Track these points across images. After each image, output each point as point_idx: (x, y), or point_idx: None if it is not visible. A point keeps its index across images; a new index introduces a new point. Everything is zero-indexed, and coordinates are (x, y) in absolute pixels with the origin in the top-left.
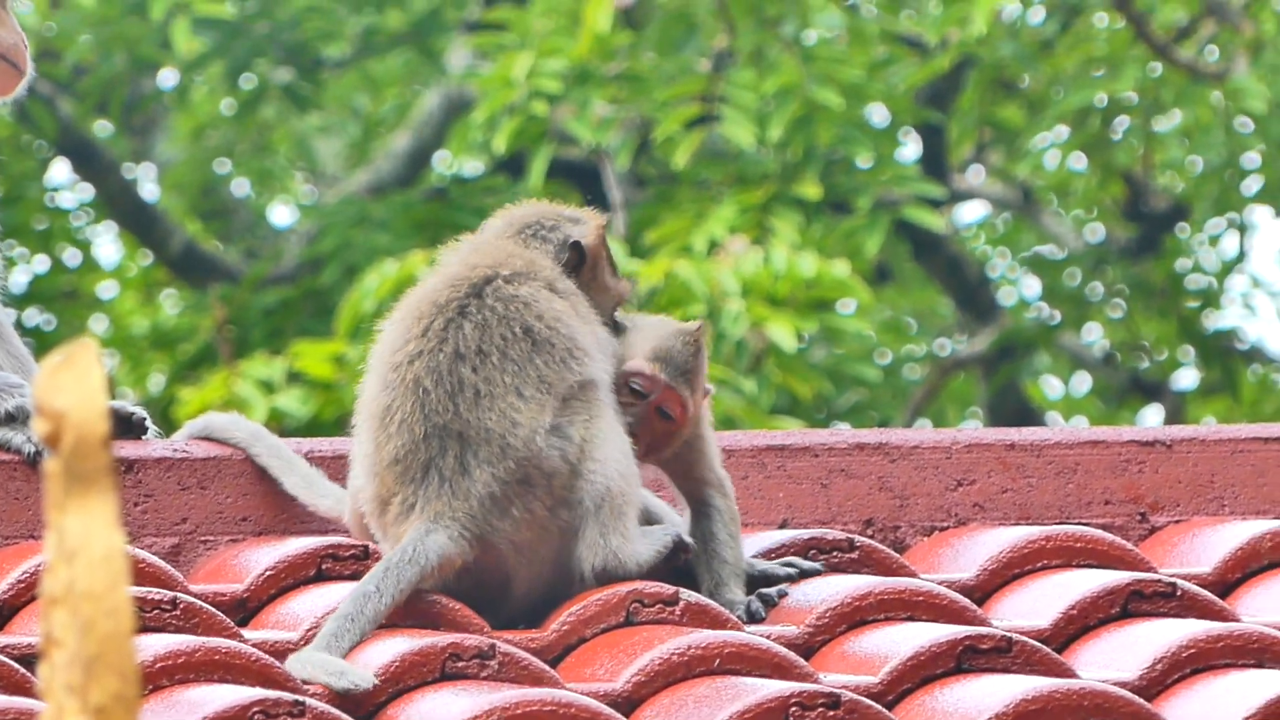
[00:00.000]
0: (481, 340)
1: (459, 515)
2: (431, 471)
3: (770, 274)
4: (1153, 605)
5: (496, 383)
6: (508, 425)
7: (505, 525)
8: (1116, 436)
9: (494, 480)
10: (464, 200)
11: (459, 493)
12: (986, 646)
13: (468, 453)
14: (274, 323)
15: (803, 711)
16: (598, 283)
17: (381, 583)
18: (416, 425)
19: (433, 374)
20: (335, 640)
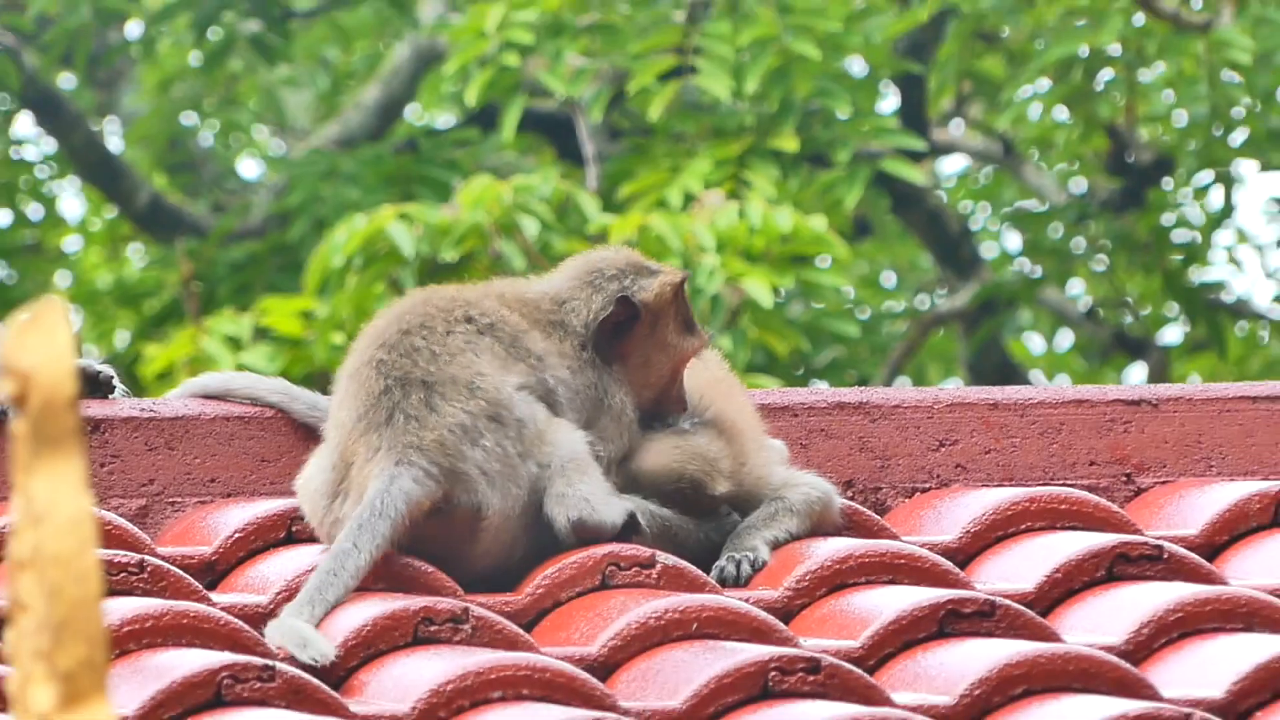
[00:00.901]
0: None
1: (427, 446)
2: (396, 414)
3: (746, 228)
4: (1139, 568)
5: (446, 344)
6: (473, 374)
7: (476, 454)
8: (1102, 395)
9: (464, 413)
10: (435, 154)
11: (427, 425)
12: (969, 610)
13: (434, 395)
14: (241, 278)
15: (782, 676)
16: (655, 341)
17: (359, 539)
18: (374, 384)
19: (384, 347)
20: (319, 594)
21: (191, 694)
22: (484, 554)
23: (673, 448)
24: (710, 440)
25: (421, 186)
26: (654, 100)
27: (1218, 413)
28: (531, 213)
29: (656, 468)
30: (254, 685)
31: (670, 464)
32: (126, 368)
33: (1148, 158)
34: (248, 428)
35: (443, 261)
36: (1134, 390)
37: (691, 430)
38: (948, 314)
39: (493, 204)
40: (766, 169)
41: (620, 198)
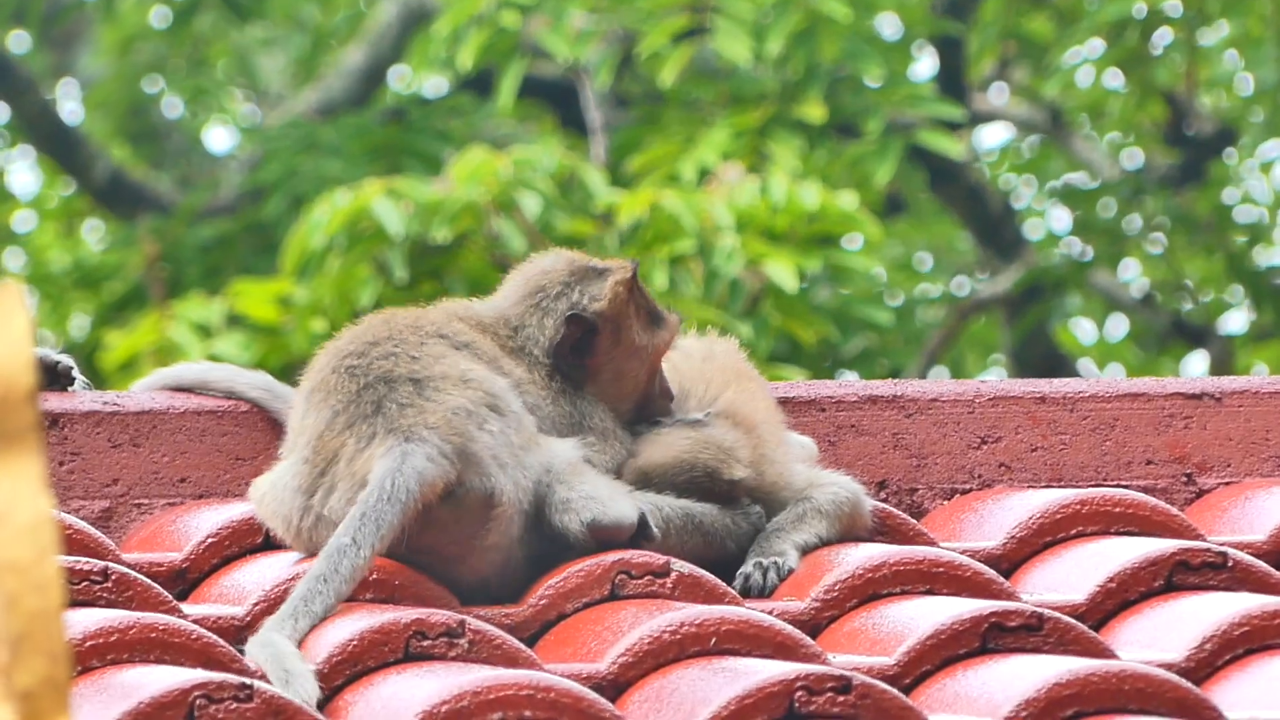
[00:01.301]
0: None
1: (435, 425)
2: (386, 403)
3: (768, 206)
4: (1201, 577)
5: (431, 353)
6: (463, 370)
7: (484, 437)
8: (1160, 388)
9: (464, 399)
10: (425, 123)
11: (427, 410)
12: (1014, 624)
13: (426, 388)
14: (211, 259)
15: (809, 696)
16: (622, 348)
17: (359, 533)
18: (348, 385)
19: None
20: (305, 605)
21: (161, 715)
22: (492, 548)
23: (683, 438)
24: (724, 430)
25: (410, 159)
26: (666, 64)
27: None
28: (532, 188)
29: (667, 460)
30: (229, 706)
31: (681, 455)
32: (85, 357)
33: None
34: (221, 423)
35: (434, 243)
36: (1195, 383)
37: (704, 421)
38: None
39: (489, 179)
40: (790, 140)
41: (629, 172)
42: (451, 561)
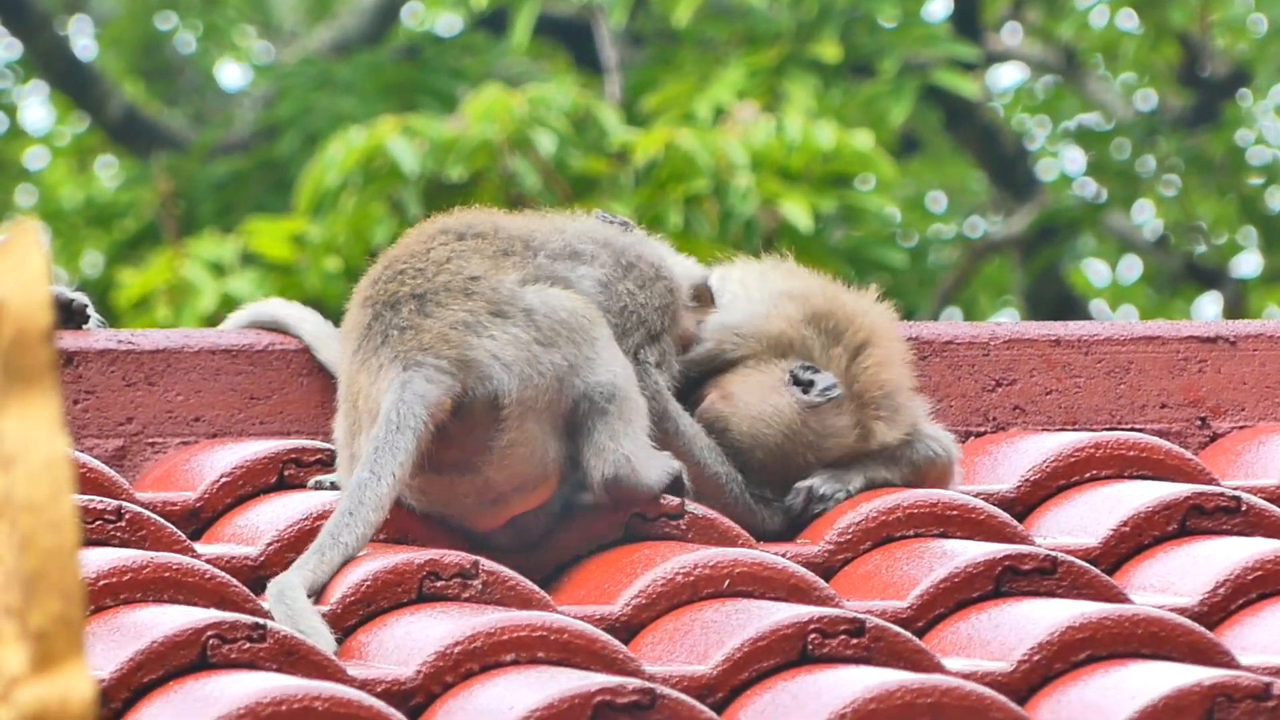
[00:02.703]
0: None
1: (430, 344)
2: (390, 332)
3: (783, 145)
4: (1214, 521)
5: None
6: (464, 278)
7: (484, 342)
8: (1174, 332)
9: (463, 311)
10: (439, 61)
11: (425, 329)
12: (1028, 567)
13: (426, 303)
14: (225, 197)
15: (823, 639)
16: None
17: (376, 465)
18: (363, 317)
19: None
20: (332, 539)
21: (174, 655)
22: (509, 450)
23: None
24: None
25: (424, 97)
26: (681, 3)
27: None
28: (547, 126)
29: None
30: (243, 645)
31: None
32: (98, 295)
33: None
34: (235, 362)
35: (448, 181)
36: (1210, 326)
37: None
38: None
39: (504, 117)
40: (805, 80)
41: (644, 111)
42: (478, 476)
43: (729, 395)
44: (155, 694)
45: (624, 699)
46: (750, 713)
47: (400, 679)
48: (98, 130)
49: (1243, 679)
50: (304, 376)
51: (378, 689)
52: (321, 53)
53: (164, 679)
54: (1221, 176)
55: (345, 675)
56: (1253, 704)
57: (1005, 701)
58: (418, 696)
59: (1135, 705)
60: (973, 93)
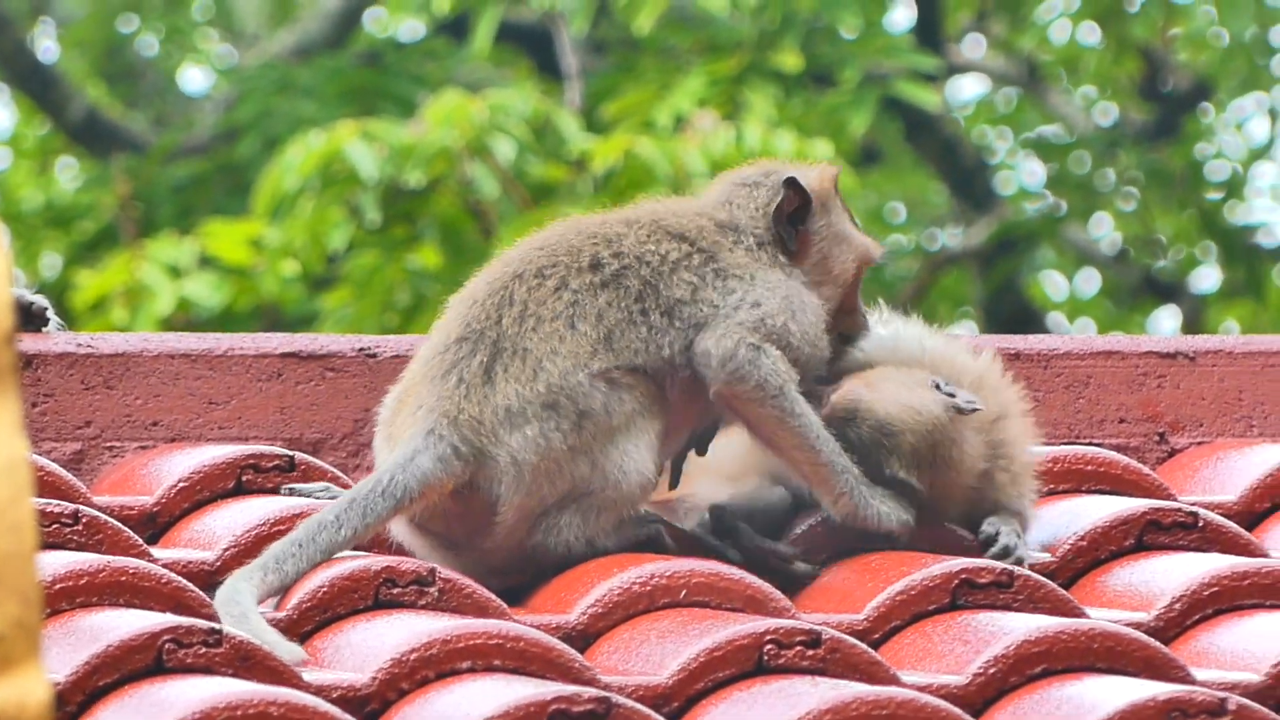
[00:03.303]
0: (545, 265)
1: (464, 420)
2: (453, 372)
3: (742, 154)
4: (1171, 537)
5: (547, 304)
6: (547, 350)
7: (513, 440)
8: (1133, 347)
9: (516, 396)
10: (400, 66)
11: (474, 397)
12: (984, 580)
13: (497, 363)
14: (184, 200)
15: (778, 650)
16: (833, 231)
17: (343, 514)
18: (454, 328)
19: (488, 286)
20: (277, 564)
21: (130, 659)
22: (495, 549)
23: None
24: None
25: (384, 102)
26: (642, 10)
27: (1261, 367)
28: (506, 133)
29: (870, 406)
30: (199, 650)
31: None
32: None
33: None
34: (195, 366)
35: (406, 186)
36: (1169, 341)
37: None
38: (961, 252)
39: (463, 123)
40: (765, 89)
41: (604, 118)
42: (466, 549)
43: (872, 384)
44: (111, 698)
45: (579, 708)
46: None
47: (356, 685)
48: (60, 132)
49: (1198, 694)
50: (263, 382)
51: (333, 695)
52: (283, 57)
53: (119, 683)
54: (1181, 190)
55: (301, 681)
56: (1207, 719)
57: (960, 714)
58: (373, 703)
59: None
60: (933, 104)
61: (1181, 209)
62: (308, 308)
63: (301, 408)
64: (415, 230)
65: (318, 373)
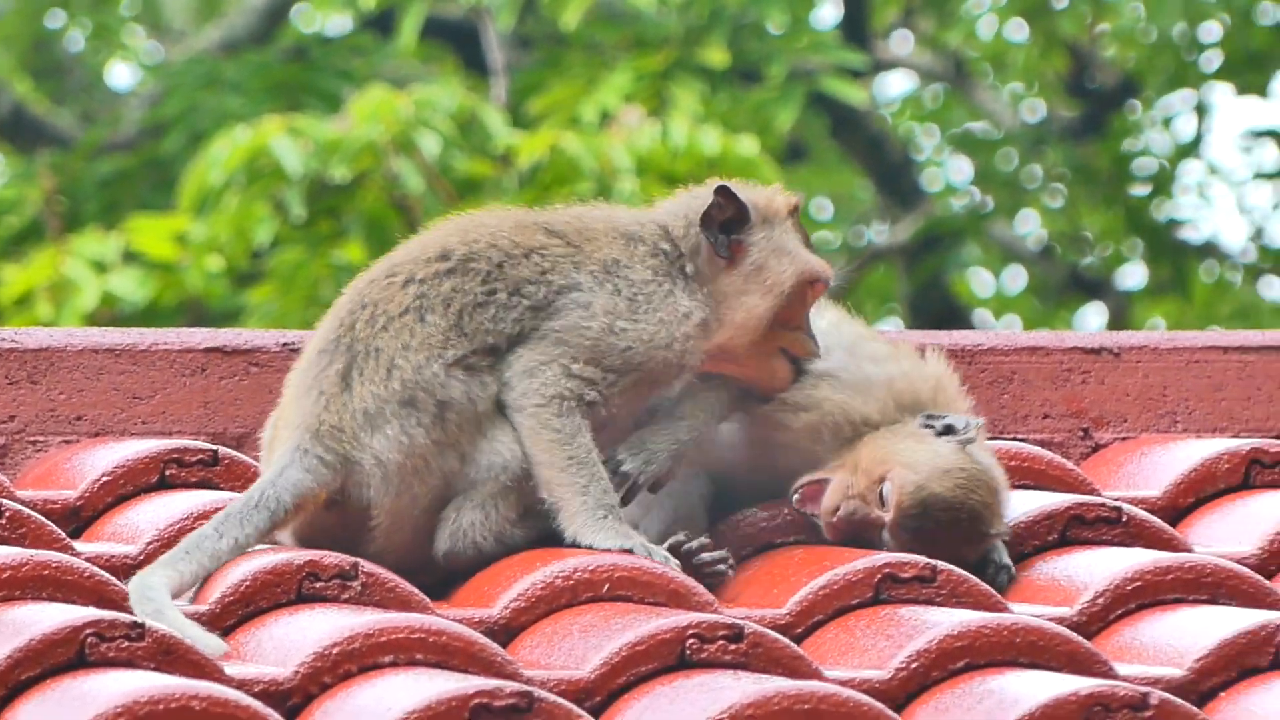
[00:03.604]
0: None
1: (325, 432)
2: (314, 387)
3: (668, 150)
4: (1095, 532)
5: (395, 301)
6: (398, 347)
7: (375, 442)
8: (1058, 342)
9: (373, 398)
10: (326, 61)
11: (333, 406)
12: (908, 575)
13: (353, 368)
14: (110, 195)
15: (701, 644)
16: (772, 245)
17: (223, 526)
18: (316, 342)
19: (346, 295)
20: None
21: (52, 653)
22: (382, 554)
23: (958, 469)
24: (992, 461)
25: (310, 97)
26: (569, 6)
27: (1185, 363)
28: (432, 128)
29: (936, 494)
30: (121, 644)
31: (953, 491)
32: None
33: (1111, 80)
34: (119, 361)
35: (332, 182)
36: (1094, 338)
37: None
38: (887, 248)
39: (389, 118)
40: (692, 85)
41: (530, 114)
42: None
43: (908, 465)
44: (33, 691)
45: (501, 702)
46: (627, 717)
47: (278, 679)
48: None
49: (1120, 689)
50: (187, 377)
51: (255, 689)
52: (209, 52)
53: (42, 676)
54: (1108, 187)
55: (222, 674)
56: (1130, 714)
57: (882, 709)
58: (295, 697)
59: (1013, 714)
60: (860, 100)
61: (1108, 206)
62: (233, 303)
63: (225, 403)
64: (340, 226)
65: (242, 368)
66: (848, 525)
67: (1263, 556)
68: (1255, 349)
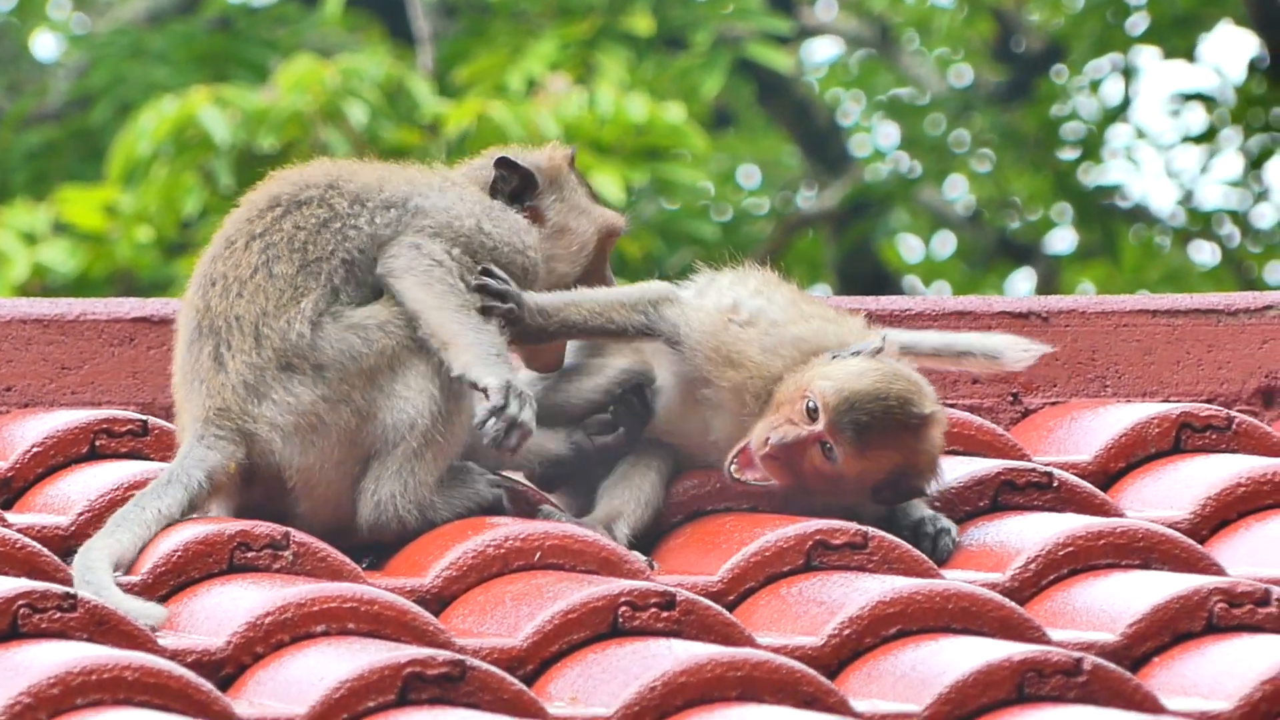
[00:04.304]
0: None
1: (214, 417)
2: (194, 378)
3: (595, 118)
4: (1026, 497)
5: (242, 264)
6: (258, 310)
7: (264, 410)
8: (986, 307)
9: (249, 368)
10: (252, 31)
11: (213, 389)
12: (839, 542)
13: (221, 345)
14: (38, 166)
15: (633, 612)
16: (566, 205)
17: (143, 500)
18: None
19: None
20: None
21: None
22: (314, 516)
23: (871, 369)
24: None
25: (237, 67)
26: None
27: (1114, 327)
28: (359, 97)
29: (858, 389)
30: (53, 615)
31: (874, 385)
32: None
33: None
34: (47, 331)
35: (260, 151)
36: (1022, 302)
37: (882, 349)
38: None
39: (315, 87)
40: (617, 52)
41: (456, 82)
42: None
43: (824, 377)
44: None
45: (434, 670)
46: (560, 685)
47: (210, 649)
48: None
49: (1053, 654)
50: (115, 347)
51: (188, 659)
52: (135, 23)
53: None
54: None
55: (155, 644)
56: (1063, 679)
57: (815, 675)
58: (228, 667)
59: (946, 680)
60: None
61: (1036, 171)
62: (163, 273)
63: (154, 372)
64: None
65: (170, 337)
66: (784, 451)
67: (1194, 521)
68: (1184, 312)
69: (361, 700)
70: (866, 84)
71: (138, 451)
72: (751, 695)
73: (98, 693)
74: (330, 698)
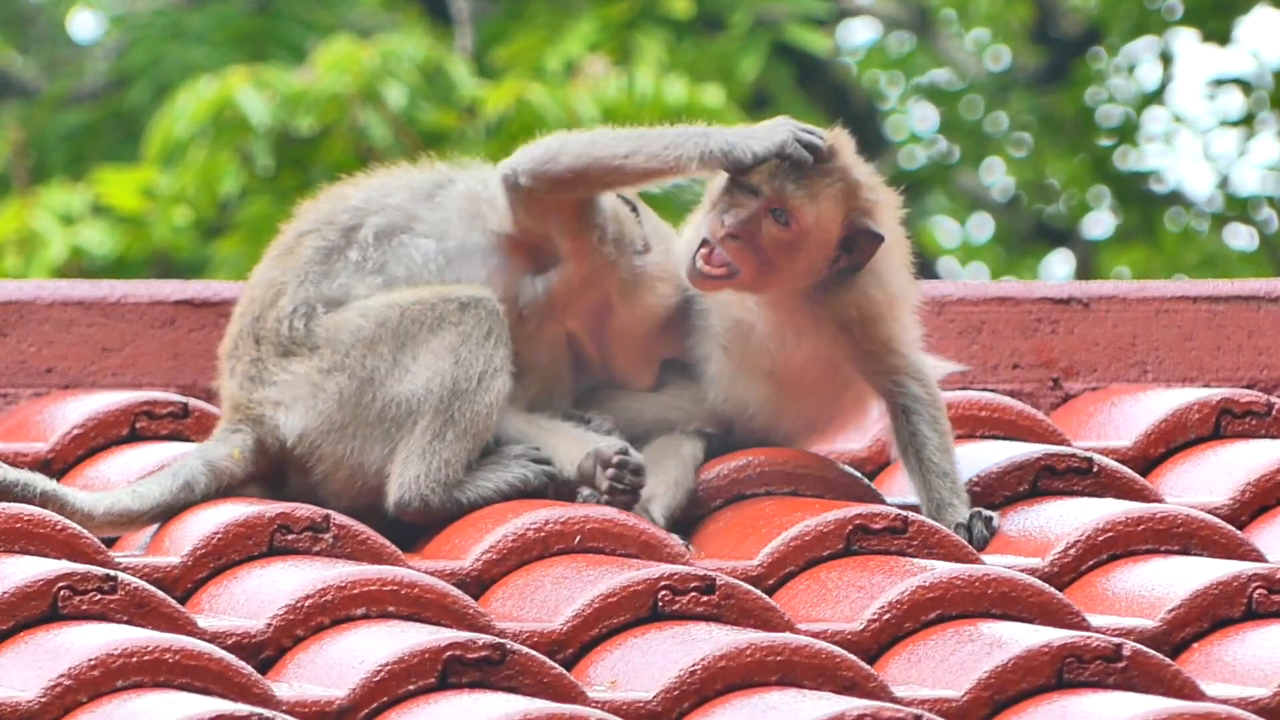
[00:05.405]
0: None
1: (225, 416)
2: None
3: (634, 100)
4: (1066, 482)
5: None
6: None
7: (267, 393)
8: (1027, 293)
9: (251, 364)
10: (290, 12)
11: (226, 393)
12: (879, 526)
13: (231, 359)
14: (76, 147)
15: (673, 596)
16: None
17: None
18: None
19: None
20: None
21: (25, 606)
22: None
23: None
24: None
25: (275, 48)
26: None
27: (1154, 313)
28: (397, 79)
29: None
30: (94, 597)
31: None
32: None
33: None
34: (89, 313)
35: (298, 133)
36: (1063, 287)
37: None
38: None
39: (354, 69)
40: (656, 34)
41: (495, 64)
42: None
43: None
44: (6, 645)
45: (474, 654)
46: (600, 669)
47: (251, 632)
48: None
49: (1093, 640)
50: (157, 329)
51: (228, 642)
52: (174, 3)
53: (14, 630)
54: (1072, 136)
55: (195, 627)
56: (1103, 665)
57: (855, 660)
58: (268, 649)
59: (986, 665)
60: (824, 49)
61: (1073, 154)
62: (200, 255)
63: (195, 354)
64: (307, 177)
65: (211, 319)
66: (743, 229)
67: (1234, 506)
68: (1225, 298)
69: (402, 683)
70: (905, 67)
71: (178, 433)
72: (791, 680)
73: (138, 675)
74: (370, 681)
